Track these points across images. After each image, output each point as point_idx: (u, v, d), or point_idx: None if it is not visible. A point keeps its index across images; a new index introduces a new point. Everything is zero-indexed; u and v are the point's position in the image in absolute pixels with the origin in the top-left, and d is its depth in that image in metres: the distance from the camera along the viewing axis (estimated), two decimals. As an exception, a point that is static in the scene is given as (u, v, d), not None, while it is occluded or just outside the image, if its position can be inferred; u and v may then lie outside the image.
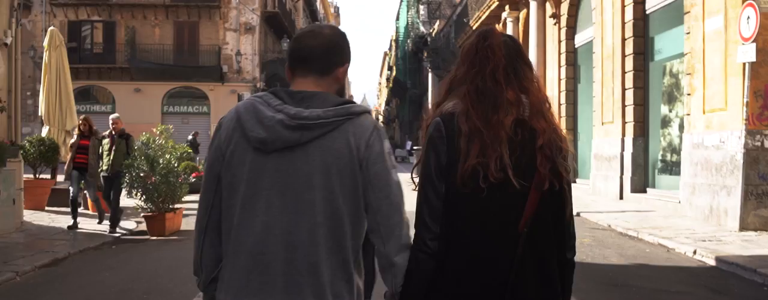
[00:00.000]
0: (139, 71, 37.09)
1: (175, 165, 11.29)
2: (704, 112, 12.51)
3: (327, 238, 2.09)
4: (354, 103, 2.18)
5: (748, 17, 10.76)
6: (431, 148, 2.21)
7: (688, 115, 13.14)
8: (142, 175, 10.83)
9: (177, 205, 11.69)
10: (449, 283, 2.15)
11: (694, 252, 9.41)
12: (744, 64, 10.96)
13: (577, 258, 2.36)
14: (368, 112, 2.18)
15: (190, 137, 28.38)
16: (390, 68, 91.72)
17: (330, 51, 2.20)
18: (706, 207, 12.20)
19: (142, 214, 11.20)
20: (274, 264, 2.08)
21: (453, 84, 2.34)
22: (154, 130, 12.96)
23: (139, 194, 10.84)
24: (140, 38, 37.44)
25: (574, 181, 20.80)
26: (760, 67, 11.11)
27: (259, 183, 2.10)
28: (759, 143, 11.20)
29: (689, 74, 13.13)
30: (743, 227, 11.00)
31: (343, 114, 2.10)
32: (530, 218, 2.13)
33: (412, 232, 2.23)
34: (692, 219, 12.52)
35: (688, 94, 13.18)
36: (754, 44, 10.60)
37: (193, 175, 18.36)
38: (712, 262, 8.88)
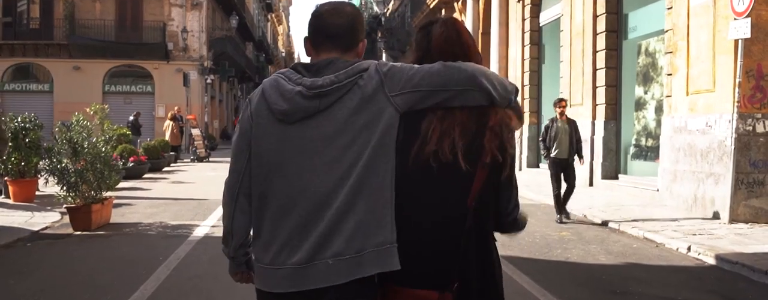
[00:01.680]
0: (79, 48, 35.04)
1: (104, 149, 9.89)
2: (688, 94, 11.56)
3: (358, 188, 2.18)
4: (361, 61, 2.29)
5: (742, -11, 9.79)
6: None
7: (669, 96, 12.19)
8: (64, 160, 9.45)
9: (108, 194, 10.34)
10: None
11: (689, 248, 8.44)
12: (736, 41, 10.01)
13: (562, 256, 4.24)
14: (372, 63, 2.27)
15: (131, 118, 26.72)
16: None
17: (354, 28, 2.33)
18: (690, 196, 11.28)
19: (64, 206, 9.81)
20: (309, 221, 2.20)
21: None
22: (88, 109, 11.65)
23: (59, 183, 9.46)
24: (80, 13, 35.28)
25: (537, 166, 19.91)
26: (753, 45, 10.18)
27: (286, 151, 2.25)
28: (751, 127, 10.29)
29: (670, 52, 12.16)
30: (733, 219, 10.10)
31: (353, 73, 2.22)
32: (477, 194, 2.25)
33: None
34: (673, 208, 11.60)
35: (669, 74, 12.23)
36: (749, 19, 9.64)
37: (131, 159, 16.91)
38: (711, 261, 7.90)
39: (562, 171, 11.04)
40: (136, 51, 35.56)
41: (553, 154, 11.03)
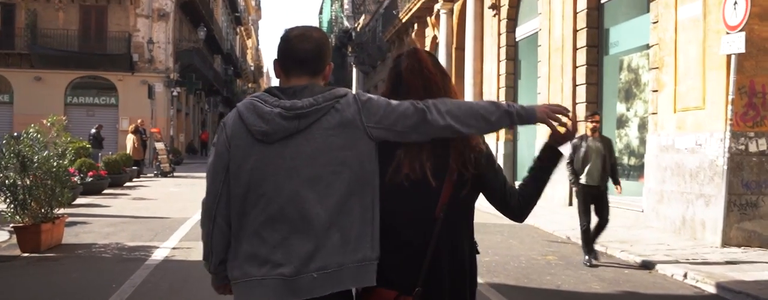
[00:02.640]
0: (41, 58, 34.01)
1: (57, 163, 9.13)
2: (675, 111, 11.09)
3: (339, 205, 2.32)
4: (337, 87, 2.43)
5: (736, 3, 9.36)
6: None
7: (655, 114, 11.72)
8: (11, 175, 8.69)
9: (61, 211, 9.59)
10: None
11: (685, 275, 7.91)
12: (728, 56, 9.57)
13: (552, 283, 4.52)
14: (349, 91, 2.43)
15: (93, 131, 25.79)
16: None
17: (322, 53, 2.47)
18: (678, 218, 10.79)
19: (10, 225, 9.02)
20: (292, 236, 2.31)
21: (390, 98, 2.53)
22: (45, 121, 10.89)
23: (5, 200, 8.69)
24: (42, 22, 34.27)
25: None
26: (745, 60, 9.75)
27: (266, 170, 2.33)
28: (743, 146, 9.83)
29: (656, 68, 11.71)
30: (725, 242, 9.62)
31: (331, 97, 2.37)
32: (445, 205, 2.44)
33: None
34: (660, 230, 11.10)
35: (655, 91, 11.77)
36: (743, 33, 9.21)
37: (90, 173, 16.05)
38: (711, 289, 7.37)
39: (593, 202, 8.95)
40: (99, 62, 34.62)
41: (582, 181, 8.88)
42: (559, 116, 2.50)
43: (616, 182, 9.31)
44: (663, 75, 11.46)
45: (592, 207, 8.96)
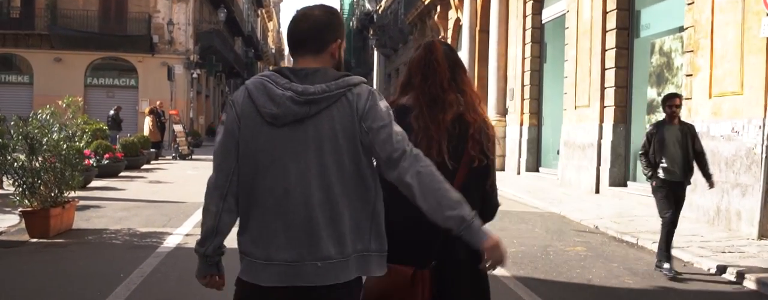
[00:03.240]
0: (61, 39, 33.84)
1: (67, 145, 8.83)
2: (711, 96, 10.59)
3: (340, 195, 2.35)
4: (351, 75, 2.43)
5: (779, -19, 8.84)
6: None
7: (689, 99, 11.20)
8: (21, 158, 8.40)
9: (74, 194, 9.31)
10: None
11: (723, 270, 7.48)
12: (770, 38, 9.06)
13: (583, 277, 4.72)
14: (364, 81, 2.44)
15: (111, 112, 25.58)
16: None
17: (320, 31, 2.43)
18: (712, 208, 10.32)
19: (19, 209, 8.74)
20: (296, 222, 2.34)
21: (406, 87, 2.92)
22: (60, 102, 10.63)
23: (14, 183, 8.40)
24: (62, 3, 33.99)
25: (537, 170, 18.98)
26: (787, 44, 9.22)
27: (274, 152, 2.35)
28: (783, 134, 9.32)
29: (690, 51, 11.20)
30: (762, 234, 9.16)
31: (344, 86, 2.36)
32: (458, 188, 2.51)
33: None
34: (692, 221, 10.62)
35: (689, 75, 11.26)
36: (787, 14, 8.70)
37: (106, 156, 15.80)
38: (751, 285, 6.94)
39: (676, 200, 7.49)
40: (119, 43, 34.42)
41: (661, 175, 7.44)
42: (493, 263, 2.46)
43: (707, 176, 7.68)
44: (698, 59, 10.95)
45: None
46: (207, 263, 2.51)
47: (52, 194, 8.63)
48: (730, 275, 7.33)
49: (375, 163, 2.46)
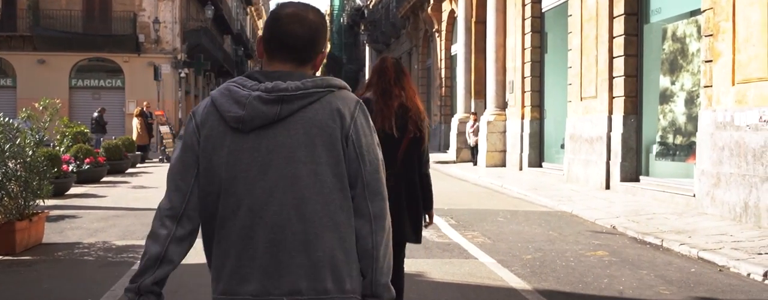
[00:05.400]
0: (44, 40, 32.93)
1: (33, 152, 7.98)
2: (734, 83, 9.80)
3: (318, 213, 2.00)
4: (332, 78, 2.13)
5: (812, -45, 8.05)
6: None
7: (708, 86, 10.42)
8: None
9: (49, 203, 8.49)
10: None
11: (765, 275, 6.69)
12: (802, 18, 8.27)
13: (613, 288, 5.67)
14: (347, 87, 2.16)
15: (95, 114, 24.67)
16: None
17: (315, 40, 2.12)
18: (738, 204, 9.54)
19: (-16, 223, 7.90)
20: (261, 248, 2.00)
21: (368, 86, 4.41)
22: (37, 105, 9.88)
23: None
24: (45, 3, 33.13)
25: (540, 166, 18.20)
26: (821, 23, 8.44)
27: (239, 165, 2.02)
28: (819, 123, 8.55)
29: (710, 36, 10.40)
30: (799, 232, 8.38)
31: (323, 86, 2.05)
32: (404, 151, 4.21)
33: None
34: (717, 218, 9.86)
35: (708, 61, 10.46)
36: (821, -9, 7.91)
37: (87, 160, 14.93)
38: (803, 294, 6.15)
39: None
40: (104, 43, 33.52)
41: None
42: None
43: None
44: (718, 43, 10.15)
45: None
46: (139, 291, 2.04)
47: (18, 206, 7.78)
48: (775, 281, 6.54)
49: None
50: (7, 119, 7.93)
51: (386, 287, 2.11)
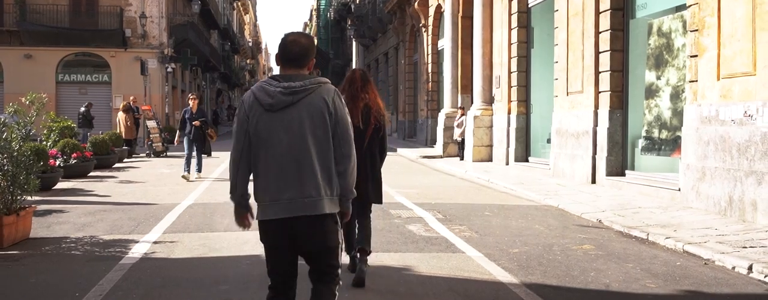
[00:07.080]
0: (30, 35, 32.80)
1: (19, 146, 7.96)
2: (719, 78, 9.88)
3: (317, 156, 3.60)
4: (321, 77, 3.72)
5: (796, -49, 8.11)
6: None
7: (693, 81, 10.49)
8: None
9: (36, 198, 8.45)
10: None
11: (750, 268, 6.76)
12: (786, 13, 8.34)
13: (599, 281, 6.29)
14: (329, 82, 3.74)
15: (82, 109, 24.55)
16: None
17: (306, 54, 3.69)
18: (723, 198, 9.63)
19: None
20: (290, 174, 3.57)
21: (342, 91, 5.75)
22: (23, 99, 9.79)
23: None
24: (31, -2, 32.96)
25: (526, 160, 18.25)
26: (804, 19, 8.51)
27: (271, 129, 3.58)
28: (802, 117, 8.62)
29: (695, 31, 10.47)
30: (783, 226, 8.46)
31: (316, 83, 3.64)
32: (368, 138, 5.94)
33: None
34: (702, 212, 9.94)
35: (693, 56, 10.53)
36: (805, -14, 7.97)
37: (74, 155, 14.88)
38: (786, 286, 6.22)
39: None
40: (91, 38, 33.41)
41: None
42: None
43: None
44: (704, 38, 10.22)
45: None
46: (241, 207, 3.74)
47: (6, 200, 7.76)
48: (759, 274, 6.60)
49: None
50: (9, 112, 7.87)
51: (351, 191, 3.73)
